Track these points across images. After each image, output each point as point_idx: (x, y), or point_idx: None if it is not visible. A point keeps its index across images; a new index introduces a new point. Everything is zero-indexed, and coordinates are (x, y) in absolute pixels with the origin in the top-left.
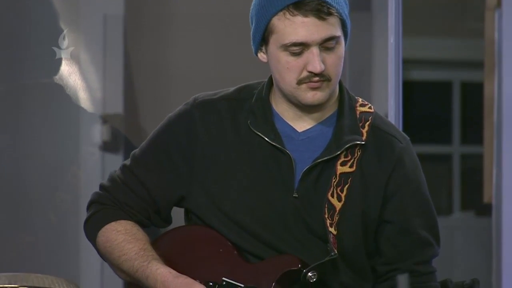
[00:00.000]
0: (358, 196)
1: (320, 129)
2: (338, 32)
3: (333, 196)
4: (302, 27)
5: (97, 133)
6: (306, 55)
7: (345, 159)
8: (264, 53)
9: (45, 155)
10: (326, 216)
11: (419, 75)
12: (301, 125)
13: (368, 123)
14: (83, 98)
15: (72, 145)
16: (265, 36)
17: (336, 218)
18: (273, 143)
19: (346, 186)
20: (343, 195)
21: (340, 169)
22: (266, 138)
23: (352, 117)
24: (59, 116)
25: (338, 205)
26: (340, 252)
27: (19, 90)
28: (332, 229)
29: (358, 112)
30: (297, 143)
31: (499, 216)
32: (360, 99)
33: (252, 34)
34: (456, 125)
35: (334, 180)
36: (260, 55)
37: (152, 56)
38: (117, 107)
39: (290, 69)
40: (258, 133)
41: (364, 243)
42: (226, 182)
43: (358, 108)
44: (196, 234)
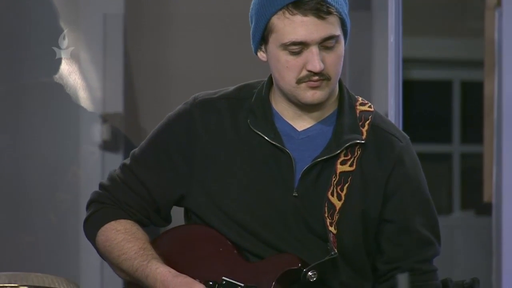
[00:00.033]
0: (358, 195)
1: (320, 128)
2: (338, 31)
3: (333, 195)
4: (302, 26)
5: (97, 133)
6: (305, 54)
7: (345, 158)
8: (263, 52)
9: (45, 155)
10: (326, 215)
11: (419, 74)
12: (301, 124)
13: (368, 122)
14: (83, 97)
15: (72, 144)
16: (264, 35)
17: (336, 217)
18: (273, 142)
19: (346, 185)
20: (343, 194)
21: (340, 168)
22: (266, 137)
23: (352, 116)
24: (59, 115)
25: (338, 204)
26: (340, 251)
27: (19, 90)
28: (332, 228)
29: (358, 111)
30: (297, 142)
31: (499, 215)
32: (360, 98)
33: (251, 33)
34: (456, 124)
35: (334, 179)
36: (259, 54)
37: (152, 55)
38: (117, 106)
39: (290, 68)
40: (258, 132)
41: (364, 242)
42: (226, 181)
43: (358, 107)
44: (196, 233)
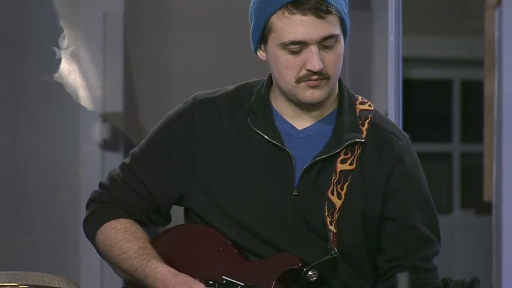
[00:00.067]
0: (358, 194)
1: (319, 127)
2: (337, 30)
3: (333, 194)
4: (301, 26)
5: (97, 132)
6: (305, 53)
7: (345, 156)
8: (263, 51)
9: (45, 154)
10: (326, 214)
11: (419, 73)
12: (301, 123)
13: (368, 121)
14: (83, 96)
15: (72, 144)
16: (264, 35)
17: (336, 216)
18: (273, 141)
19: (346, 183)
20: (343, 193)
21: (340, 166)
22: (266, 136)
23: (352, 115)
24: (59, 115)
25: (338, 203)
26: (340, 250)
27: (19, 90)
28: (332, 227)
29: (358, 110)
30: (297, 141)
31: (499, 214)
32: (359, 97)
33: (251, 32)
34: (456, 123)
35: (334, 177)
36: (259, 53)
37: (152, 54)
38: (117, 106)
39: (289, 68)
40: (258, 131)
41: (364, 241)
42: (225, 181)
43: (358, 106)
44: (196, 232)
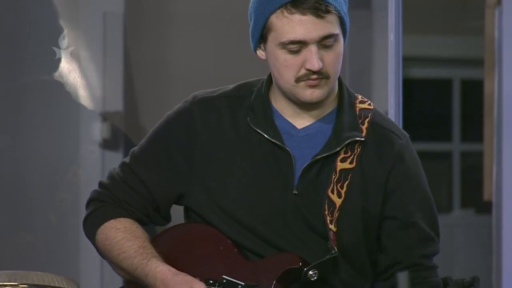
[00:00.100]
0: (358, 193)
1: (319, 126)
2: (336, 30)
3: (333, 193)
4: (300, 25)
5: (97, 131)
6: (304, 53)
7: (345, 155)
8: (262, 50)
9: (45, 154)
10: (326, 212)
11: (419, 73)
12: (301, 122)
13: (367, 119)
14: (83, 96)
15: (72, 143)
16: (263, 34)
17: (336, 214)
18: (273, 140)
19: (346, 182)
20: (343, 192)
21: (340, 165)
22: (266, 135)
23: (352, 113)
24: (58, 114)
25: (338, 201)
26: (340, 249)
27: (18, 90)
28: (332, 226)
29: (357, 109)
30: (297, 140)
31: (499, 213)
32: (359, 96)
33: (250, 32)
34: (456, 122)
35: (334, 176)
36: (259, 52)
37: (152, 54)
38: (117, 105)
39: (288, 67)
40: (258, 130)
41: (364, 240)
42: (225, 180)
43: (357, 105)
44: (196, 231)
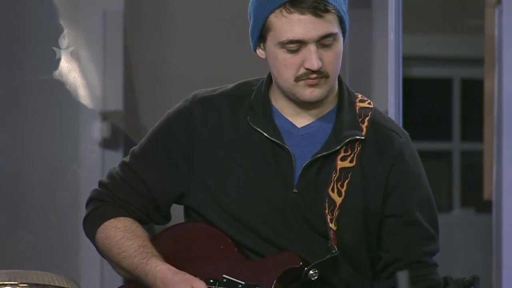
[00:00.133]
0: (358, 191)
1: (319, 124)
2: (336, 29)
3: (333, 191)
4: (299, 25)
5: (97, 130)
6: (303, 52)
7: (345, 154)
8: (262, 49)
9: (45, 154)
10: (327, 211)
11: (419, 72)
12: (301, 121)
13: (367, 118)
14: (83, 95)
15: (72, 142)
16: (262, 33)
17: (336, 213)
18: (273, 139)
19: (347, 181)
20: (343, 190)
21: (340, 164)
22: (266, 134)
23: (352, 112)
24: (58, 113)
25: (338, 200)
26: (340, 248)
27: (18, 89)
28: (332, 225)
29: (357, 108)
30: (297, 139)
31: (499, 213)
32: (359, 95)
33: (250, 31)
34: (456, 122)
35: (334, 175)
36: (258, 51)
37: (152, 53)
38: (117, 104)
39: (288, 66)
40: (258, 129)
41: (364, 239)
42: (225, 179)
43: (357, 103)
44: (196, 230)
